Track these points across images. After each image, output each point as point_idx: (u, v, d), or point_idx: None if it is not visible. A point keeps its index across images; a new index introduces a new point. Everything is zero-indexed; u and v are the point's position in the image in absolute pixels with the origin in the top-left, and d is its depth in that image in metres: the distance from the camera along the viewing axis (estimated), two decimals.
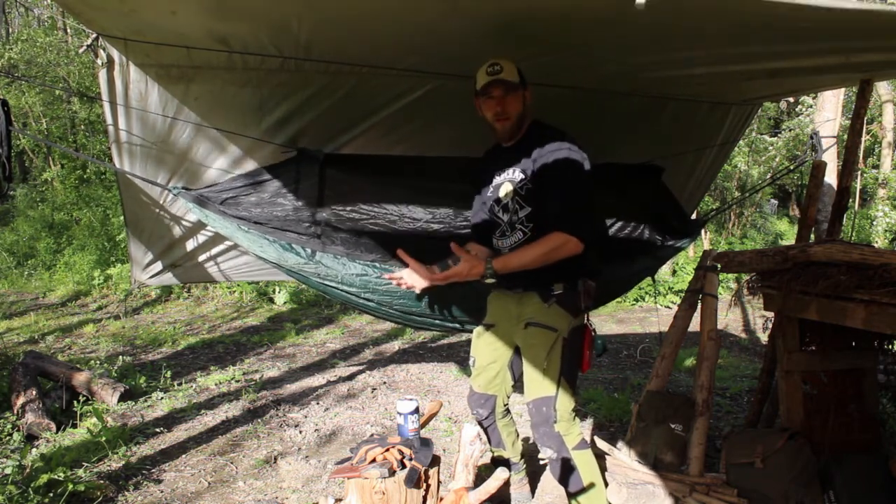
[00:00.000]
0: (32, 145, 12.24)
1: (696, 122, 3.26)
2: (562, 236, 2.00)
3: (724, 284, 8.18)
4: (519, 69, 2.11)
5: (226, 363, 4.98)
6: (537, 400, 2.12)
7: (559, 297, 2.13)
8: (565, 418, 2.10)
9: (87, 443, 3.15)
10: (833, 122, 5.49)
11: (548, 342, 2.11)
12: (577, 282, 2.13)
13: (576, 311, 2.14)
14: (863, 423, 2.51)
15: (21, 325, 6.69)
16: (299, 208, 2.70)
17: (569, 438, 2.10)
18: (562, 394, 2.10)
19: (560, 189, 2.06)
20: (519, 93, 2.12)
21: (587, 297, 2.14)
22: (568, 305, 2.13)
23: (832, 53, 2.28)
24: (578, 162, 2.07)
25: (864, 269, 1.96)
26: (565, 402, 2.11)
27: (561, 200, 2.05)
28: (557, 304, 2.13)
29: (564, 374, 2.10)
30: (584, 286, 2.13)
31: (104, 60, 2.27)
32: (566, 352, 2.11)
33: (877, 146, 11.37)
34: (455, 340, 5.65)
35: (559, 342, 2.11)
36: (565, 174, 2.05)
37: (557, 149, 2.06)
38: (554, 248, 2.01)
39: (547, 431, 2.10)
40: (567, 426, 2.11)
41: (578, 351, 2.17)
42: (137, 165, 2.62)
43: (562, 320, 2.12)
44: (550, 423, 2.09)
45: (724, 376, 4.35)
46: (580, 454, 2.11)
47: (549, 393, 2.09)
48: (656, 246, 3.39)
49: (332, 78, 2.47)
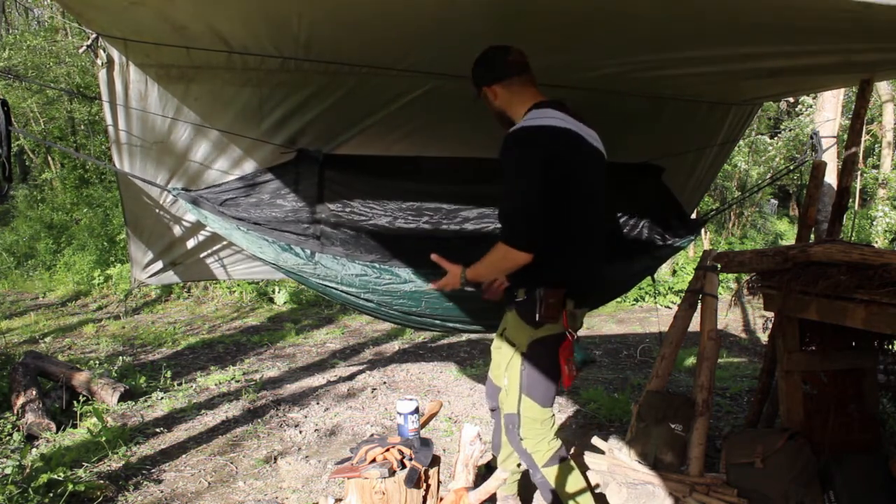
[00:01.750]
0: (32, 145, 12.24)
1: (695, 121, 3.26)
2: (501, 247, 1.86)
3: (724, 284, 8.18)
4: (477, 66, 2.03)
5: (226, 363, 4.98)
6: (506, 416, 2.08)
7: (518, 304, 2.00)
8: (530, 436, 2.03)
9: (87, 443, 3.15)
10: (833, 122, 5.49)
11: (509, 358, 2.05)
12: (535, 290, 1.94)
13: (533, 322, 1.95)
14: (863, 423, 2.51)
15: (21, 325, 6.69)
16: (298, 209, 2.70)
17: (537, 456, 2.04)
18: (524, 411, 2.01)
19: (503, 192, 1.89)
20: (482, 94, 2.07)
21: (548, 308, 1.91)
22: (525, 316, 1.98)
23: (832, 53, 2.28)
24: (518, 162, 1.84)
25: (864, 269, 1.96)
26: (528, 421, 2.02)
27: (501, 205, 1.94)
28: (517, 313, 2.01)
29: (525, 392, 2.00)
30: (541, 294, 1.92)
31: (104, 60, 2.27)
32: (525, 368, 2.00)
33: (877, 146, 11.37)
34: (455, 340, 5.65)
35: (517, 358, 2.01)
36: (505, 176, 1.87)
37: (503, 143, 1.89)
38: (499, 259, 1.88)
39: (517, 447, 2.07)
40: (534, 444, 2.03)
41: (545, 366, 2.00)
42: (137, 166, 2.62)
43: (520, 333, 2.01)
44: (517, 441, 2.05)
45: (724, 376, 4.35)
46: (550, 470, 2.05)
47: (513, 410, 2.04)
48: (656, 246, 3.39)
49: (331, 78, 2.47)
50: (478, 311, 2.83)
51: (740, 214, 11.32)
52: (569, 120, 1.93)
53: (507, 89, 2.02)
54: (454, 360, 4.99)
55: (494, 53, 2.01)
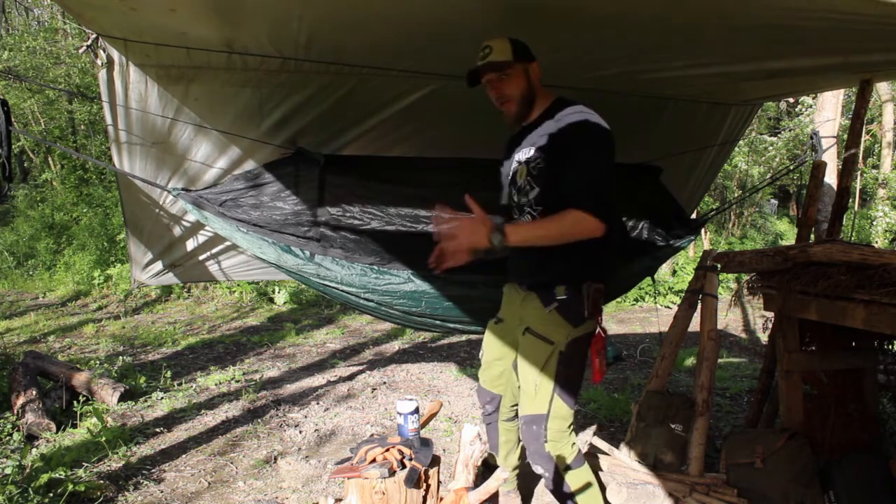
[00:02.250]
0: (32, 145, 12.24)
1: (695, 121, 3.27)
2: (578, 213, 1.75)
3: (724, 284, 8.19)
4: (517, 42, 1.93)
5: (226, 363, 4.98)
6: (528, 417, 1.98)
7: (561, 303, 1.92)
8: (557, 438, 1.96)
9: (87, 443, 3.15)
10: (833, 122, 5.50)
11: (542, 356, 1.95)
12: (583, 285, 1.91)
13: (578, 320, 1.92)
14: (863, 423, 2.51)
15: (21, 325, 6.69)
16: (299, 211, 2.70)
17: (560, 459, 1.97)
18: (554, 413, 1.95)
19: (579, 161, 1.82)
20: (516, 69, 1.94)
21: (593, 304, 1.90)
22: (569, 314, 1.92)
23: (831, 54, 2.28)
24: (600, 132, 1.82)
25: (864, 269, 1.96)
26: (558, 422, 1.96)
27: (577, 176, 1.81)
28: (558, 311, 1.93)
29: (558, 392, 1.94)
30: (589, 290, 1.90)
31: (104, 61, 2.27)
32: (562, 367, 1.93)
33: (877, 146, 11.38)
34: (455, 340, 5.65)
35: (554, 357, 1.93)
36: (586, 144, 1.81)
37: (575, 119, 1.83)
38: (571, 224, 1.76)
39: (537, 450, 1.98)
40: (558, 446, 1.97)
41: (579, 364, 1.98)
42: (137, 166, 2.63)
43: (559, 331, 1.93)
44: (541, 443, 1.96)
45: (724, 376, 4.35)
46: (573, 474, 1.98)
47: (541, 411, 1.95)
48: (655, 246, 3.39)
49: (331, 78, 2.47)
50: (478, 312, 2.83)
51: (740, 214, 11.33)
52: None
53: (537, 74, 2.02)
54: (454, 360, 4.99)
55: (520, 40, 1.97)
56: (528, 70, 1.98)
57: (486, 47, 1.93)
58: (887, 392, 2.79)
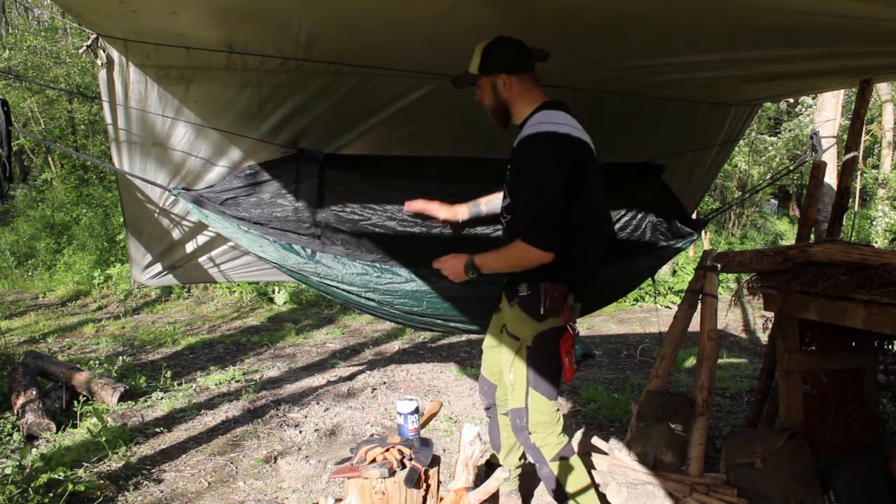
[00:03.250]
0: (32, 145, 12.23)
1: (696, 122, 3.26)
2: (523, 247, 1.88)
3: (724, 284, 8.19)
4: (490, 50, 1.97)
5: (226, 363, 4.98)
6: (511, 410, 2.10)
7: (521, 299, 2.02)
8: (539, 429, 2.05)
9: (87, 443, 3.15)
10: (833, 122, 5.49)
11: (511, 352, 2.06)
12: (541, 283, 1.98)
13: (538, 315, 1.99)
14: (863, 423, 2.51)
15: (21, 325, 6.69)
16: (299, 209, 2.70)
17: (546, 450, 2.06)
18: (532, 405, 2.04)
19: (522, 192, 1.92)
20: (483, 81, 2.01)
21: (552, 301, 1.96)
22: (529, 309, 2.01)
23: (832, 58, 2.29)
24: (544, 151, 1.88)
25: (864, 269, 1.96)
26: (537, 413, 2.04)
27: (521, 207, 1.92)
28: (519, 307, 2.03)
29: (532, 385, 2.03)
30: (546, 287, 1.97)
31: (104, 61, 2.27)
32: (531, 361, 2.02)
33: (877, 146, 11.38)
34: (455, 340, 5.65)
35: (522, 351, 2.03)
36: (527, 178, 1.90)
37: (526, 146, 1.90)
38: (518, 257, 1.91)
39: (524, 441, 2.09)
40: (543, 437, 2.05)
41: (550, 359, 2.03)
42: (137, 166, 2.62)
43: (524, 327, 2.03)
44: (525, 435, 2.07)
45: (724, 376, 4.35)
46: (558, 465, 2.06)
47: (520, 405, 2.05)
48: (657, 246, 3.38)
49: (332, 78, 2.47)
50: (479, 312, 2.82)
51: (740, 214, 11.33)
52: (576, 125, 1.97)
53: (521, 83, 2.01)
54: (454, 360, 4.99)
55: (514, 44, 1.97)
56: (495, 82, 2.00)
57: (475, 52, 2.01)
58: (887, 392, 2.79)
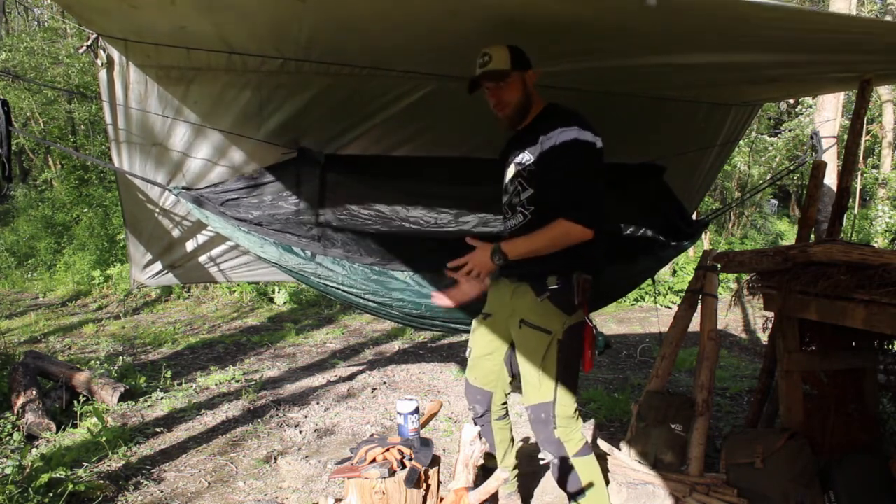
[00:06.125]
0: (32, 145, 12.24)
1: (696, 122, 3.27)
2: (566, 224, 1.90)
3: (724, 284, 8.18)
4: (515, 50, 2.01)
5: (226, 363, 4.98)
6: (535, 406, 2.06)
7: (553, 292, 2.01)
8: (565, 423, 2.04)
9: (87, 443, 3.15)
10: (833, 123, 5.49)
11: (542, 346, 2.02)
12: (572, 275, 2.00)
13: (569, 308, 2.01)
14: (863, 423, 2.51)
15: (21, 325, 6.69)
16: (300, 211, 2.70)
17: (570, 445, 2.04)
18: (560, 398, 2.03)
19: (564, 173, 1.95)
20: (514, 78, 2.02)
21: (582, 293, 2.00)
22: (561, 302, 2.01)
23: (832, 64, 2.29)
24: (585, 144, 1.94)
25: (864, 269, 1.96)
26: (564, 407, 2.03)
27: (565, 186, 1.94)
28: (550, 300, 2.01)
29: (561, 378, 2.02)
30: (578, 280, 2.00)
31: (104, 61, 2.27)
32: (562, 354, 2.02)
33: (877, 146, 11.38)
34: (455, 340, 5.65)
35: (554, 345, 2.01)
36: (570, 158, 1.94)
37: (563, 131, 1.95)
38: (561, 235, 1.92)
39: (547, 437, 2.06)
40: (567, 432, 2.05)
41: (576, 351, 2.06)
42: (137, 166, 2.62)
43: (555, 320, 2.02)
44: (550, 429, 2.04)
45: (724, 376, 4.35)
46: (580, 461, 2.05)
47: (547, 399, 2.03)
48: (659, 246, 3.38)
49: (332, 79, 2.47)
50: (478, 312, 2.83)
51: (741, 214, 11.33)
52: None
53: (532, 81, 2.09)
54: (454, 360, 4.99)
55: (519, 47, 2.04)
56: (524, 78, 2.05)
57: (485, 55, 2.00)
58: (887, 392, 2.80)
